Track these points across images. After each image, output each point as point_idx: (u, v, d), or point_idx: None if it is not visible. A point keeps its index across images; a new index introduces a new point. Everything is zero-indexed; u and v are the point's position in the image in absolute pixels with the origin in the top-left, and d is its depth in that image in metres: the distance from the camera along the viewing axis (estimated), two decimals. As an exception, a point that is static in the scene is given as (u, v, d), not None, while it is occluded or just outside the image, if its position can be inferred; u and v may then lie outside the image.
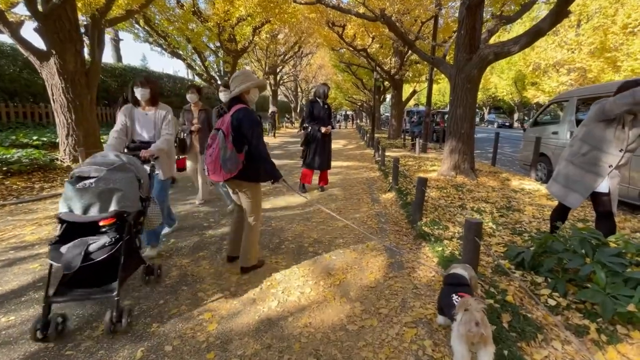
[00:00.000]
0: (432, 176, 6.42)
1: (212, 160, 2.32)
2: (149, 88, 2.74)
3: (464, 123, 6.13)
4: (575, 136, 2.72)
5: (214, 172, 2.34)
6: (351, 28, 12.94)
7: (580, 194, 2.58)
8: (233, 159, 2.28)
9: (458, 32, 6.12)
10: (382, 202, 4.82)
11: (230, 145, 2.28)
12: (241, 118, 2.30)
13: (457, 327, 1.53)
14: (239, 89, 2.40)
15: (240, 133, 2.31)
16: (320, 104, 5.14)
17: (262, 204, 4.68)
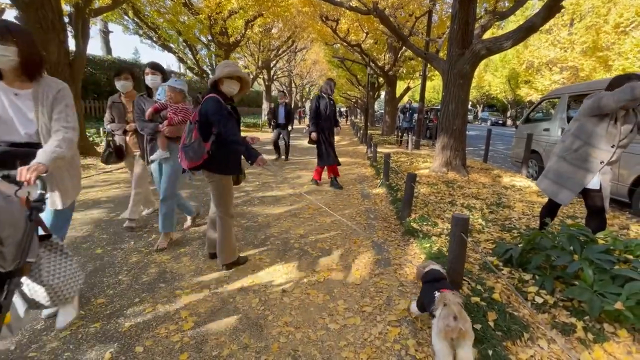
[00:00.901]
0: (424, 172, 6.37)
1: (180, 147, 2.43)
2: (16, 46, 1.54)
3: (456, 119, 6.09)
4: (567, 131, 2.67)
5: (181, 160, 2.41)
6: (345, 23, 12.78)
7: (571, 190, 2.54)
8: (195, 147, 2.28)
9: (451, 27, 6.05)
10: (373, 198, 4.76)
11: (195, 133, 2.30)
12: (208, 107, 2.25)
13: (436, 323, 1.52)
14: (215, 76, 2.34)
15: (207, 121, 2.27)
16: (327, 100, 5.09)
17: (251, 199, 4.64)
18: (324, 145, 5.14)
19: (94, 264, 2.57)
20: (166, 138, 2.79)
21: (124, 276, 2.41)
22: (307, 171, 6.64)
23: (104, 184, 5.20)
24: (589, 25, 18.91)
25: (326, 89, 5.13)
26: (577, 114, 2.64)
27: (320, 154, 5.20)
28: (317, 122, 5.08)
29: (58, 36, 6.51)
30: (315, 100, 5.07)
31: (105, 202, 4.26)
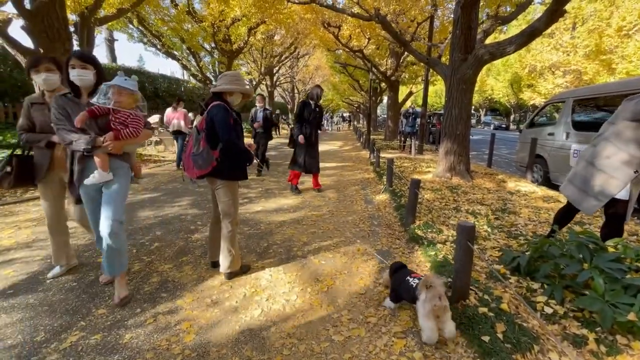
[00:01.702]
0: (427, 178, 6.33)
1: (186, 156, 2.41)
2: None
3: (459, 124, 6.06)
4: (599, 135, 2.48)
5: (187, 168, 2.38)
6: (347, 29, 12.85)
7: (598, 200, 2.35)
8: (204, 155, 2.26)
9: (453, 32, 6.05)
10: (376, 204, 4.72)
11: (202, 142, 2.28)
12: (215, 114, 2.27)
13: (422, 304, 1.74)
14: (224, 87, 2.36)
15: (214, 129, 2.27)
16: (312, 106, 5.06)
17: (253, 206, 4.63)
18: (302, 151, 5.08)
19: (96, 274, 2.55)
20: (109, 155, 2.08)
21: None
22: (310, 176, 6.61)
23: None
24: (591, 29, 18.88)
25: (312, 95, 5.10)
26: (613, 117, 2.43)
27: (295, 159, 5.15)
28: (300, 127, 5.05)
29: (63, 45, 6.59)
30: (300, 106, 5.07)
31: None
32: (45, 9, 6.15)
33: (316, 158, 5.22)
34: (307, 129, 5.03)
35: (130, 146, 2.25)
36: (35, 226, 3.56)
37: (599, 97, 5.59)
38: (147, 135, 2.37)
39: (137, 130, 2.12)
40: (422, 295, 1.75)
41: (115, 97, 2.05)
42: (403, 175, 6.46)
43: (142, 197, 4.86)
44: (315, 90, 5.16)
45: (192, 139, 2.36)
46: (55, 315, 2.03)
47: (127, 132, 2.08)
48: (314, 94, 5.11)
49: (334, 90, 34.14)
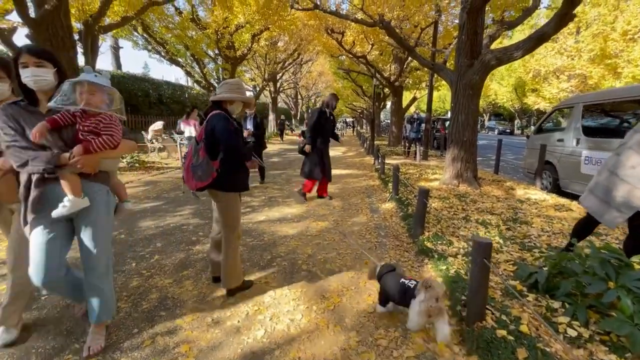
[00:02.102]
0: (434, 185, 6.20)
1: (185, 167, 2.30)
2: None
3: (466, 130, 5.94)
4: (623, 144, 2.37)
5: (187, 180, 2.28)
6: (350, 35, 12.86)
7: (622, 212, 2.22)
8: (204, 167, 2.15)
9: (459, 37, 5.97)
10: (382, 213, 4.60)
11: (202, 153, 2.18)
12: (215, 124, 2.17)
13: (418, 303, 1.83)
14: (224, 96, 2.28)
15: (214, 139, 2.18)
16: (327, 114, 5.03)
17: (257, 215, 4.53)
18: (317, 158, 5.02)
19: (93, 289, 2.45)
20: (80, 176, 1.64)
21: (124, 303, 2.29)
22: (314, 184, 6.51)
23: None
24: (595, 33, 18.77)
25: (328, 104, 5.05)
26: (639, 125, 2.33)
27: (311, 168, 5.04)
28: (315, 135, 4.99)
29: (68, 53, 6.60)
30: (316, 113, 4.99)
31: (109, 219, 4.17)
32: (50, 17, 6.16)
33: (330, 166, 5.17)
34: (322, 138, 5.02)
35: (108, 162, 1.78)
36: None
37: (609, 102, 5.46)
38: (130, 148, 1.90)
39: (113, 138, 1.65)
40: (420, 295, 1.83)
41: (85, 96, 1.59)
42: (409, 182, 6.33)
43: (143, 206, 4.79)
44: (332, 99, 5.13)
45: (191, 149, 2.26)
46: (48, 337, 1.93)
47: (100, 142, 1.61)
48: (331, 103, 5.07)
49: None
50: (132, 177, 7.05)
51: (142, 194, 5.53)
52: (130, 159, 8.27)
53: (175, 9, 12.86)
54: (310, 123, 5.00)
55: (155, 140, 10.25)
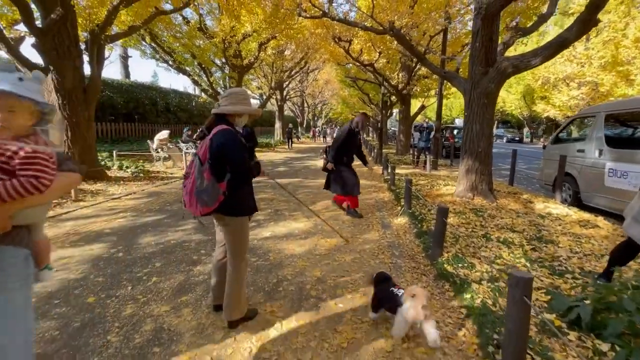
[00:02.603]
0: (447, 198, 5.93)
1: (187, 191, 1.99)
2: None
3: (481, 141, 5.69)
4: None
5: (190, 205, 1.98)
6: (358, 43, 12.76)
7: None
8: (210, 190, 1.89)
9: (472, 44, 5.76)
10: (395, 229, 4.34)
11: (207, 175, 1.90)
12: (224, 142, 1.91)
13: (405, 310, 1.91)
14: (230, 108, 2.03)
15: (221, 159, 1.92)
16: (355, 133, 4.96)
17: (262, 231, 4.31)
18: (351, 174, 4.94)
19: (82, 318, 2.24)
20: None
21: (114, 336, 2.06)
22: (323, 195, 6.29)
23: (109, 212, 4.97)
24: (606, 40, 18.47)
25: (358, 124, 4.93)
26: None
27: (351, 183, 4.89)
28: (341, 153, 4.92)
29: (73, 62, 6.56)
30: (346, 132, 4.87)
31: (108, 234, 3.99)
32: (56, 26, 6.12)
33: (357, 179, 5.04)
34: (347, 157, 4.99)
35: (30, 212, 1.20)
36: None
37: (634, 111, 5.16)
38: (69, 185, 1.41)
39: (38, 181, 1.10)
40: (406, 303, 1.92)
41: None
42: (420, 194, 6.07)
43: (144, 220, 4.60)
44: (363, 119, 5.02)
45: (194, 171, 1.95)
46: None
47: (12, 187, 1.06)
48: (361, 123, 4.95)
49: (343, 104, 34.18)
50: (135, 187, 6.91)
51: (145, 207, 5.36)
52: (135, 168, 8.15)
53: (182, 18, 12.93)
54: (338, 141, 4.92)
55: (161, 149, 10.16)
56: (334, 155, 4.93)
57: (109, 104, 15.02)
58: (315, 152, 18.94)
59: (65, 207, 5.14)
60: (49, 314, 2.28)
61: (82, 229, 4.18)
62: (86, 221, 4.51)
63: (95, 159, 7.37)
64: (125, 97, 16.02)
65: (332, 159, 4.92)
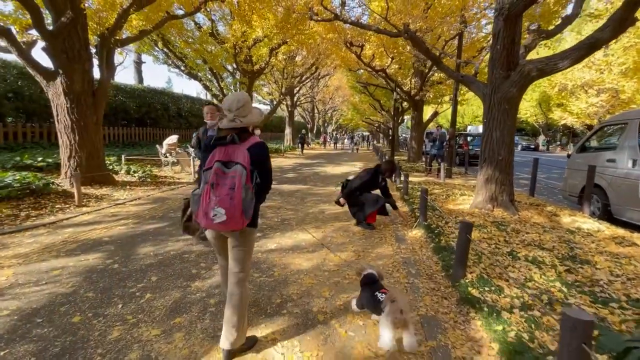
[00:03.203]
0: (464, 208, 5.59)
1: (231, 204, 1.71)
2: None
3: (502, 148, 5.34)
4: None
5: (232, 219, 1.71)
6: (370, 48, 12.55)
7: None
8: (250, 200, 1.78)
9: (492, 47, 5.45)
10: (409, 242, 4.03)
11: (251, 185, 1.80)
12: (261, 153, 1.86)
13: (385, 317, 1.89)
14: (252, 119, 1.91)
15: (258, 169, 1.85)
16: (380, 179, 4.75)
17: (267, 242, 4.07)
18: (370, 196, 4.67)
19: (64, 341, 2.02)
20: None
21: (95, 365, 1.83)
22: (331, 204, 6.02)
23: (111, 219, 4.81)
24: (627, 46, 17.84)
25: (386, 171, 4.74)
26: None
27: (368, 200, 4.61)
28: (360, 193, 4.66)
29: (83, 65, 6.51)
30: (371, 174, 4.67)
31: (107, 243, 3.80)
32: (67, 30, 6.08)
33: None
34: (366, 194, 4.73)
35: None
36: (20, 265, 3.12)
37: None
38: None
39: None
40: (386, 308, 1.91)
41: None
42: (435, 204, 5.73)
43: (146, 228, 4.41)
44: (391, 168, 4.83)
45: (234, 180, 1.72)
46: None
47: None
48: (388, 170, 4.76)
49: (354, 110, 34.02)
50: (141, 192, 6.77)
51: (148, 213, 5.18)
52: (143, 173, 8.05)
53: (195, 23, 13.00)
54: (360, 181, 4.65)
55: (169, 154, 10.08)
56: (348, 193, 4.67)
57: (122, 109, 15.17)
58: (325, 158, 18.73)
59: (67, 213, 5.00)
60: (28, 336, 2.07)
61: (80, 236, 4.00)
62: (86, 228, 4.34)
63: (103, 163, 7.29)
64: (138, 102, 16.18)
65: (346, 196, 4.68)
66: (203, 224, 1.78)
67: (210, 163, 1.80)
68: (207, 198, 1.73)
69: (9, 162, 7.05)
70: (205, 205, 1.73)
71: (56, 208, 5.10)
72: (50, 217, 4.73)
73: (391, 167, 4.75)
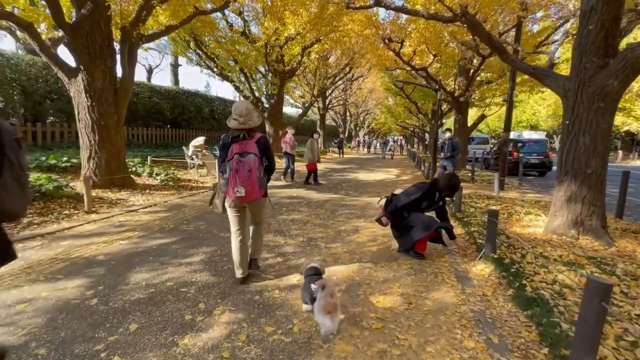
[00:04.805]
0: (536, 233, 4.46)
1: (250, 181, 2.55)
2: None
3: (593, 159, 4.15)
4: None
5: (252, 192, 2.58)
6: (409, 45, 11.50)
7: None
8: (263, 178, 2.65)
9: (580, 30, 4.28)
10: (476, 283, 3.00)
11: (262, 167, 2.65)
12: (265, 142, 2.70)
13: (317, 302, 2.09)
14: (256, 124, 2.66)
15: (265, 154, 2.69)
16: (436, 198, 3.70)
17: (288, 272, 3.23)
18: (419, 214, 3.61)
19: None
20: None
21: None
22: (366, 220, 5.09)
23: (116, 230, 4.24)
24: None
25: (444, 189, 3.67)
26: None
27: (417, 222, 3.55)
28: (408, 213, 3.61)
29: (105, 62, 6.16)
30: (423, 190, 3.61)
31: (98, 264, 3.17)
32: (88, 23, 5.72)
33: None
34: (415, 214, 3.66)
35: None
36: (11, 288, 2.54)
37: None
38: None
39: None
40: (318, 295, 2.11)
41: None
42: (500, 228, 4.62)
43: (150, 244, 3.77)
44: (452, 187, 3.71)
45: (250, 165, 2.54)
46: None
47: None
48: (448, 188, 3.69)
49: (388, 113, 32.69)
50: (159, 197, 6.27)
51: (158, 224, 4.57)
52: (165, 176, 7.62)
53: (226, 22, 12.71)
54: (411, 197, 3.61)
55: (195, 156, 9.67)
56: (393, 212, 3.63)
57: (156, 110, 15.28)
58: (355, 163, 17.77)
59: (73, 220, 4.53)
60: None
61: (73, 253, 3.43)
62: (85, 241, 3.78)
63: (124, 165, 6.91)
64: (172, 104, 16.27)
65: (391, 214, 3.65)
66: (232, 198, 2.61)
67: (231, 155, 2.57)
68: (233, 180, 2.55)
69: (33, 162, 6.88)
70: (232, 184, 2.55)
71: (63, 214, 4.65)
72: (52, 226, 4.25)
73: (453, 183, 3.68)
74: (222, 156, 2.65)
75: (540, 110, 36.55)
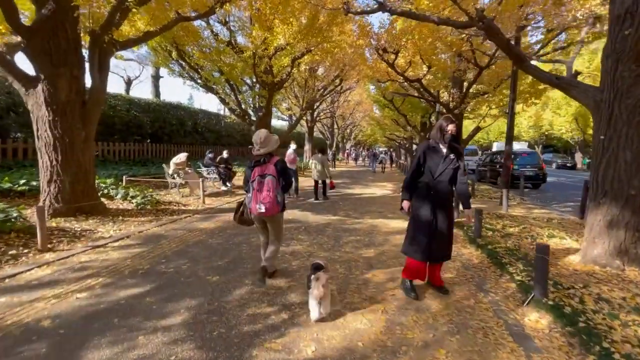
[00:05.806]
0: (572, 262, 3.90)
1: (270, 200, 3.07)
2: None
3: (635, 178, 3.67)
4: None
5: (271, 208, 3.08)
6: (402, 57, 11.19)
7: None
8: (280, 195, 3.13)
9: (612, 35, 3.86)
10: (539, 344, 2.35)
11: (279, 186, 3.13)
12: (284, 166, 3.21)
13: (311, 291, 2.47)
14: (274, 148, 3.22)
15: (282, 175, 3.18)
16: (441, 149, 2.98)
17: (291, 328, 2.49)
18: (420, 224, 2.98)
19: None
20: None
21: None
22: (376, 249, 4.42)
23: (73, 277, 3.38)
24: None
25: (437, 133, 3.00)
26: None
27: (413, 237, 3.02)
28: (414, 184, 3.02)
29: (70, 70, 5.34)
30: (422, 148, 3.02)
31: (41, 335, 2.34)
32: (50, 26, 4.93)
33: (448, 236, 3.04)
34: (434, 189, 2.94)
35: None
36: None
37: None
38: None
39: None
40: (312, 284, 2.48)
41: None
42: (520, 250, 4.04)
43: (116, 298, 2.95)
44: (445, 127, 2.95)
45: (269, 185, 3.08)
46: None
47: None
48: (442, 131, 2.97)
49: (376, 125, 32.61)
50: (134, 227, 5.40)
51: (129, 266, 3.73)
52: (142, 199, 6.73)
53: (211, 32, 12.08)
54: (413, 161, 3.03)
55: (177, 174, 8.80)
56: (405, 186, 3.06)
57: (135, 124, 14.34)
58: (347, 177, 17.21)
59: (20, 264, 3.63)
60: None
61: (9, 316, 2.58)
62: (29, 296, 2.92)
63: (93, 188, 6.01)
64: (152, 117, 15.36)
65: (405, 188, 3.06)
66: (254, 213, 3.19)
67: (253, 177, 3.16)
68: (256, 198, 3.12)
69: (-17, 185, 5.89)
70: (255, 202, 3.12)
71: (8, 256, 3.75)
72: (-9, 272, 3.36)
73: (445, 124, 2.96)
74: (247, 177, 3.21)
75: (522, 122, 37.42)
